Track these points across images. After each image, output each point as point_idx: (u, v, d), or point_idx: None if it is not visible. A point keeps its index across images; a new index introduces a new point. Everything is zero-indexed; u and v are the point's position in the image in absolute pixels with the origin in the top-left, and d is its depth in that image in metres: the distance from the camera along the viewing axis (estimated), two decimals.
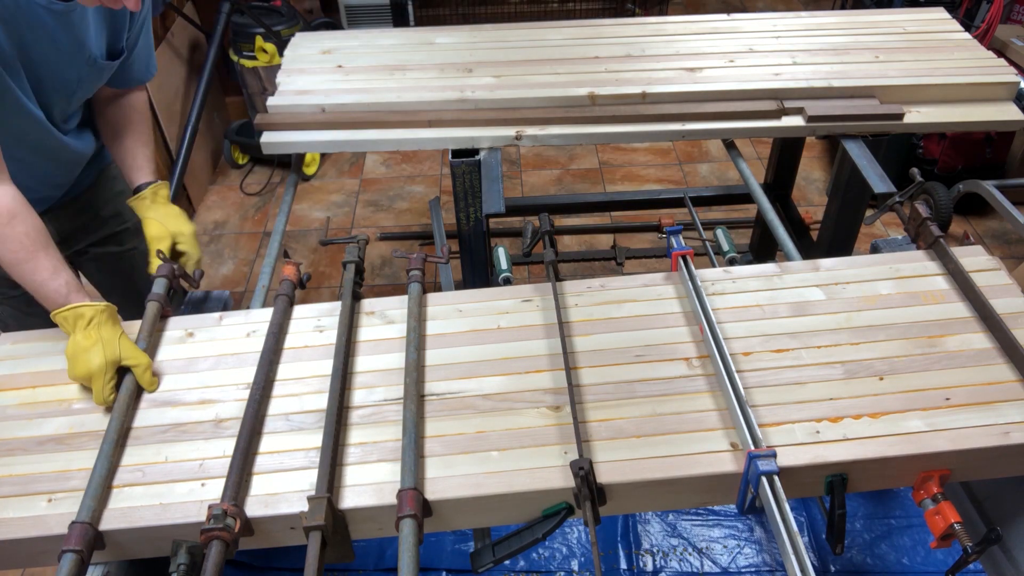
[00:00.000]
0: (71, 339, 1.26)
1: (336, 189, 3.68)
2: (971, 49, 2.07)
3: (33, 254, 1.26)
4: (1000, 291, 1.35)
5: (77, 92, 1.45)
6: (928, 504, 1.12)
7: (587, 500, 1.05)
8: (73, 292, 1.28)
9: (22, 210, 1.27)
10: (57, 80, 1.38)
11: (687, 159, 3.77)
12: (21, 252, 1.26)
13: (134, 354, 1.28)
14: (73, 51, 1.36)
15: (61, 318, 1.27)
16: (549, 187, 3.62)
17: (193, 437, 1.20)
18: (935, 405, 1.17)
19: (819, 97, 1.93)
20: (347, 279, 1.44)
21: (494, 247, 1.63)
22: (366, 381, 1.28)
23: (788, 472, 1.09)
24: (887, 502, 2.16)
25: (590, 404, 1.21)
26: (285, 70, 2.09)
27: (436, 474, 1.12)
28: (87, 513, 1.06)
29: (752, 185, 1.87)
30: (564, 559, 2.07)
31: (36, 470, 1.16)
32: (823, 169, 3.67)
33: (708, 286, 1.41)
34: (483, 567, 1.13)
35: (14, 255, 1.26)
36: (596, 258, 3.13)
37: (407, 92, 1.97)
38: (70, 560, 1.01)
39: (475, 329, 1.37)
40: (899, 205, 1.53)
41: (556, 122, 1.91)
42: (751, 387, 1.21)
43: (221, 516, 1.02)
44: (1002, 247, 3.19)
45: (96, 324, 1.26)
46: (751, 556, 2.06)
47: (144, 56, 1.57)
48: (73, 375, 1.26)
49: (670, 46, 2.14)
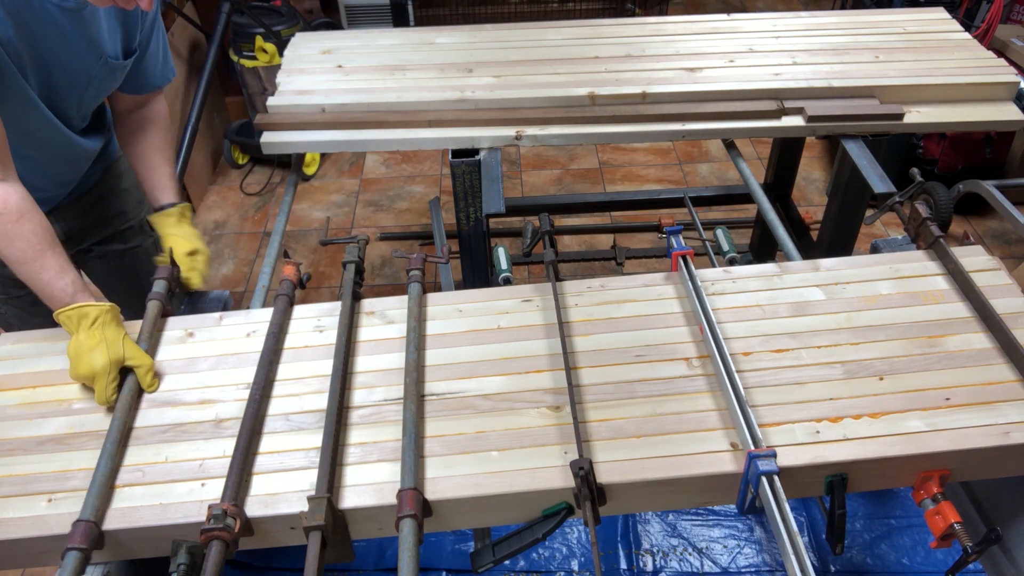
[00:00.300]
0: (74, 338, 1.26)
1: (336, 189, 3.68)
2: (971, 49, 2.07)
3: (40, 253, 1.26)
4: (1000, 291, 1.35)
5: (89, 91, 1.45)
6: (928, 504, 1.12)
7: (587, 500, 1.05)
8: (79, 292, 1.28)
9: (30, 209, 1.27)
10: (69, 78, 1.38)
11: (687, 159, 3.77)
12: (29, 251, 1.26)
13: (137, 355, 1.28)
14: (85, 49, 1.35)
15: (65, 317, 1.27)
16: (549, 187, 3.62)
17: (193, 437, 1.20)
18: (935, 405, 1.17)
19: (819, 97, 1.93)
20: (347, 279, 1.45)
21: (494, 247, 1.63)
22: (366, 381, 1.28)
23: (788, 472, 1.09)
24: (887, 502, 2.16)
25: (590, 404, 1.21)
26: (285, 70, 2.09)
27: (436, 474, 1.12)
28: (91, 511, 1.06)
29: (752, 185, 1.87)
30: (564, 559, 2.07)
31: (36, 470, 1.16)
32: (823, 169, 3.66)
33: (708, 286, 1.41)
34: (483, 567, 1.13)
35: (22, 253, 1.26)
36: (596, 258, 3.13)
37: (407, 92, 1.97)
38: (74, 558, 1.01)
39: (475, 329, 1.37)
40: (899, 205, 1.53)
41: (556, 122, 1.91)
42: (751, 387, 1.21)
43: (221, 516, 1.02)
44: (1002, 247, 3.19)
45: (100, 324, 1.26)
46: (751, 556, 2.06)
47: (158, 57, 1.56)
48: (76, 374, 1.26)
49: (670, 46, 2.14)
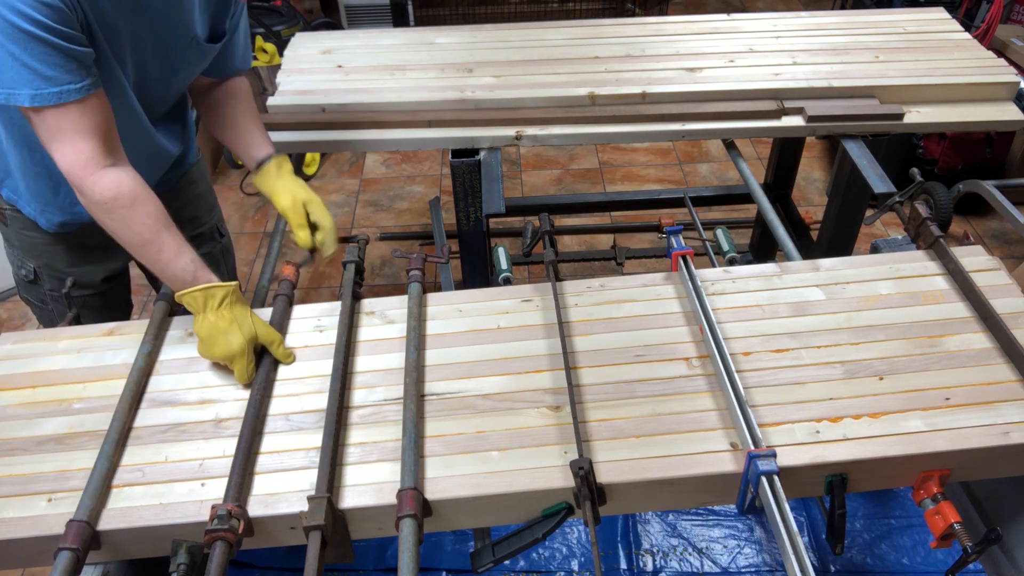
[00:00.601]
0: (202, 319, 1.26)
1: (336, 189, 3.67)
2: (971, 49, 2.07)
3: (156, 234, 1.26)
4: (1000, 291, 1.35)
5: (178, 75, 1.42)
6: (928, 504, 1.12)
7: (587, 500, 1.05)
8: (199, 270, 1.27)
9: (142, 192, 1.26)
10: (160, 63, 1.36)
11: (687, 159, 3.77)
12: (145, 234, 1.25)
13: (267, 331, 1.29)
14: (178, 32, 1.34)
15: (190, 298, 1.26)
16: (549, 187, 3.62)
17: (193, 437, 1.20)
18: (935, 405, 1.17)
19: (819, 97, 1.93)
20: (347, 279, 1.45)
21: (494, 247, 1.63)
22: (366, 381, 1.28)
23: (788, 472, 1.09)
24: (887, 502, 2.16)
25: (590, 404, 1.21)
26: (285, 70, 2.09)
27: (436, 474, 1.12)
28: (85, 512, 1.06)
29: (752, 185, 1.87)
30: (564, 559, 2.08)
31: (36, 470, 1.16)
32: (823, 169, 3.66)
33: (708, 286, 1.41)
34: (483, 567, 1.13)
35: (138, 237, 1.26)
36: (596, 258, 3.13)
37: (407, 92, 1.97)
38: (65, 558, 1.00)
39: (475, 329, 1.37)
40: (899, 205, 1.53)
41: (556, 122, 1.91)
42: (751, 387, 1.21)
43: (226, 517, 1.02)
44: (1002, 247, 3.19)
45: (228, 304, 1.27)
46: (751, 556, 2.06)
47: (243, 42, 1.54)
48: (210, 355, 1.27)
49: (670, 46, 2.14)
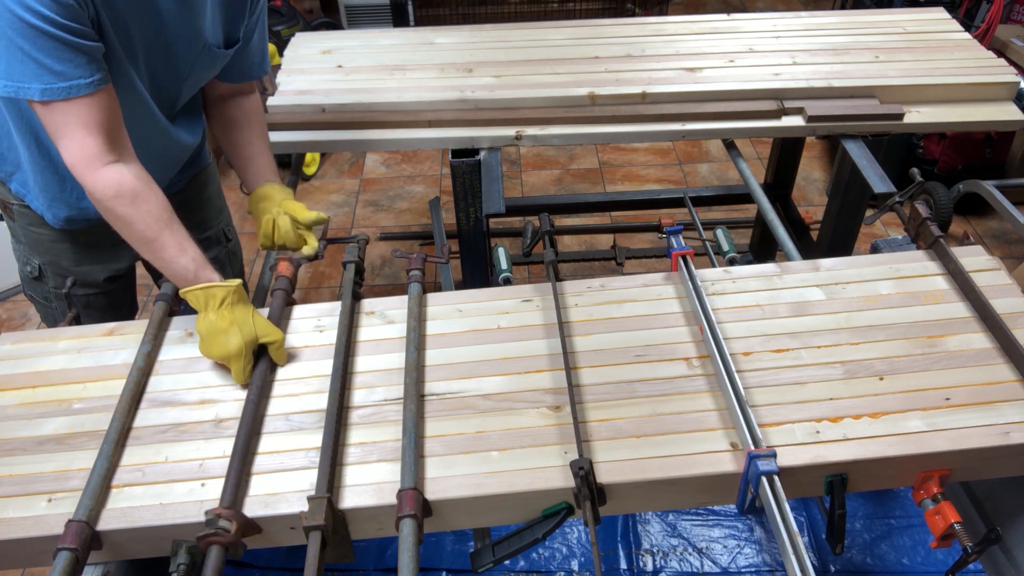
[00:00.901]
0: (203, 317, 1.26)
1: (336, 189, 3.67)
2: (971, 49, 2.07)
3: (158, 233, 1.26)
4: (1000, 291, 1.35)
5: (189, 79, 1.43)
6: (928, 504, 1.12)
7: (587, 500, 1.05)
8: (201, 269, 1.27)
9: (144, 189, 1.26)
10: (171, 66, 1.36)
11: (687, 159, 3.77)
12: (147, 232, 1.26)
13: (268, 330, 1.29)
14: (189, 37, 1.34)
15: (193, 297, 1.27)
16: (549, 187, 3.62)
17: (193, 437, 1.20)
18: (935, 405, 1.17)
19: (819, 97, 1.93)
20: (347, 279, 1.44)
21: (494, 247, 1.63)
22: (366, 381, 1.28)
23: (788, 472, 1.09)
24: (887, 502, 2.16)
25: (590, 404, 1.21)
26: (285, 70, 2.09)
27: (436, 474, 1.12)
28: (84, 512, 1.06)
29: (752, 185, 1.87)
30: (564, 559, 2.08)
31: (36, 470, 1.16)
32: (823, 169, 3.66)
33: (708, 286, 1.41)
34: (483, 567, 1.13)
35: (140, 234, 1.26)
36: (596, 258, 3.13)
37: (407, 92, 1.97)
38: (64, 558, 1.00)
39: (475, 329, 1.36)
40: (899, 205, 1.53)
41: (556, 122, 1.91)
42: (751, 387, 1.21)
43: (214, 520, 1.02)
44: (1002, 247, 3.19)
45: (228, 304, 1.26)
46: (751, 556, 2.06)
47: (260, 49, 1.54)
48: (208, 354, 1.27)
49: (670, 46, 2.14)
